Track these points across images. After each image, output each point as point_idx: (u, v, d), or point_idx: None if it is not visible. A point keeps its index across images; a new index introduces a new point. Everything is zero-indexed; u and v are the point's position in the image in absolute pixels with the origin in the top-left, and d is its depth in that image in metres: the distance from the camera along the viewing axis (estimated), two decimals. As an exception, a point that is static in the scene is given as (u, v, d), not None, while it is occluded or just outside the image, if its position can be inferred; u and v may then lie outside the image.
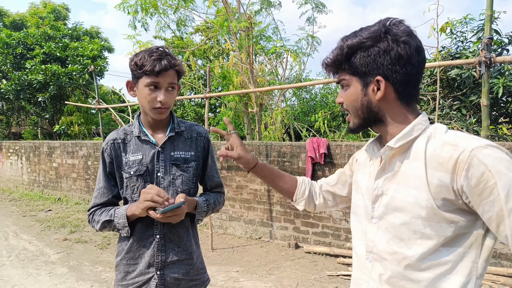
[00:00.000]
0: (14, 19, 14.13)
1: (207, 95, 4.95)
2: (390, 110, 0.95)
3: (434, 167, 0.86)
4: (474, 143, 0.81)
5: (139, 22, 7.51)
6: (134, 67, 1.40)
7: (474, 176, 0.79)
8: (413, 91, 0.95)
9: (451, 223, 0.85)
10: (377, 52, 0.90)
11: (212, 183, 1.64)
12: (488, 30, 2.61)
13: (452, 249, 0.86)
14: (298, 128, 7.85)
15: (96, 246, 5.06)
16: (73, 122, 11.89)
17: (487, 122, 2.72)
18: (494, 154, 0.79)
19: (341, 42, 0.96)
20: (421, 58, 0.92)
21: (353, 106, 0.99)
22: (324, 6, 8.08)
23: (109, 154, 1.49)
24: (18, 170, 10.14)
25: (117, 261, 1.51)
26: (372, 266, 0.99)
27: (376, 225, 0.98)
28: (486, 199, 0.79)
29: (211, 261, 4.43)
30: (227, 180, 5.62)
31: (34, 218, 6.74)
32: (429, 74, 6.30)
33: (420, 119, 0.93)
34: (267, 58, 8.61)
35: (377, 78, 0.92)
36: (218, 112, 12.62)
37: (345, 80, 0.98)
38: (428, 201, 0.86)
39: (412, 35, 0.91)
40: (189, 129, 1.57)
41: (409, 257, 0.89)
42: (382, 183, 0.97)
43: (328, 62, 1.00)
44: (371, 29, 0.92)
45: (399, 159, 0.94)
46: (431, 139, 0.90)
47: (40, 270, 4.22)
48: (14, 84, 11.39)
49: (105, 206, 1.51)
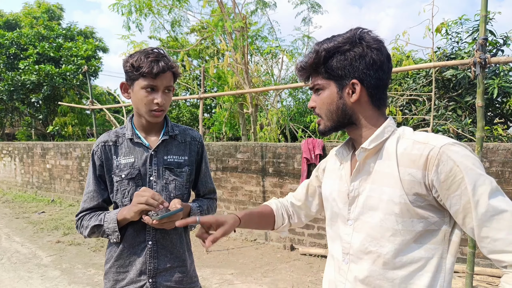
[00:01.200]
0: (8, 19, 13.99)
1: (201, 95, 4.91)
2: (363, 113, 0.99)
3: (406, 165, 0.91)
4: (442, 140, 0.87)
5: (133, 23, 7.46)
6: (130, 68, 1.35)
7: (443, 171, 0.85)
8: (383, 96, 1.00)
9: (422, 218, 0.90)
10: (354, 56, 0.95)
11: (205, 189, 1.61)
12: (483, 31, 2.60)
13: (423, 245, 0.91)
14: (293, 129, 7.82)
15: (90, 249, 5.00)
16: (67, 123, 11.81)
17: (482, 123, 2.71)
18: (461, 151, 0.86)
19: (317, 46, 0.99)
20: (390, 66, 0.99)
21: (327, 110, 1.01)
22: (320, 6, 8.09)
23: (99, 157, 1.44)
24: (11, 172, 10.04)
25: (106, 269, 1.46)
26: (348, 268, 1.01)
27: (351, 227, 1.01)
28: (454, 193, 0.84)
29: (206, 263, 4.39)
30: (222, 182, 5.58)
31: (27, 220, 6.66)
32: (424, 74, 6.30)
33: (389, 122, 0.99)
34: (262, 58, 8.58)
35: (352, 81, 0.96)
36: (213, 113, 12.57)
37: (320, 84, 1.01)
38: (401, 197, 0.90)
39: (382, 43, 0.97)
40: (183, 133, 1.54)
41: (384, 255, 0.93)
42: (358, 184, 1.00)
43: (304, 65, 1.02)
44: (345, 35, 0.97)
45: (372, 160, 0.98)
46: (400, 139, 0.95)
47: (32, 273, 4.16)
48: (7, 85, 11.29)
49: (95, 210, 1.45)
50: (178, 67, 1.44)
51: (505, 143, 3.67)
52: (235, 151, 5.42)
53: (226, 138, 10.39)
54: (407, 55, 6.29)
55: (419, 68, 3.33)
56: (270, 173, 5.05)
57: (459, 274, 3.46)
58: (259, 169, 5.15)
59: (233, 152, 5.44)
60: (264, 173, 5.11)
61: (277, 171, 4.99)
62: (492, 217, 0.81)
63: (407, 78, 6.67)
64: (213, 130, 9.04)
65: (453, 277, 3.36)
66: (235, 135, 10.11)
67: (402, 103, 6.52)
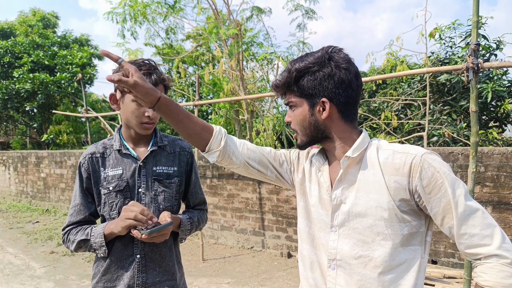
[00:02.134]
0: (3, 27, 13.94)
1: (196, 102, 4.89)
2: (335, 127, 1.05)
3: (390, 173, 0.98)
4: (421, 150, 0.96)
5: (128, 31, 7.44)
6: None
7: (426, 177, 0.93)
8: (353, 111, 1.06)
9: (406, 222, 0.97)
10: (323, 76, 1.00)
11: (196, 200, 1.59)
12: (475, 36, 2.60)
13: (407, 247, 0.99)
14: (289, 135, 7.81)
15: (84, 259, 4.93)
16: (61, 131, 11.72)
17: (476, 128, 2.71)
18: (437, 159, 0.96)
19: (290, 65, 1.05)
20: (359, 83, 1.04)
21: (301, 125, 1.07)
22: (314, 12, 8.10)
23: (87, 169, 1.42)
24: (5, 181, 9.94)
25: (93, 284, 1.42)
26: (336, 273, 1.05)
27: (336, 233, 1.05)
28: (435, 196, 0.93)
29: (202, 272, 4.34)
30: (218, 189, 5.54)
31: (21, 230, 6.58)
32: (419, 79, 6.32)
33: (364, 135, 1.05)
34: (258, 65, 8.59)
35: (322, 99, 1.02)
36: (209, 119, 12.55)
37: (293, 101, 1.07)
38: (390, 203, 0.97)
39: (351, 63, 1.02)
40: (172, 144, 1.52)
41: (375, 259, 0.98)
42: (340, 193, 1.04)
43: (277, 84, 1.08)
44: (316, 55, 1.02)
45: (354, 169, 1.03)
46: (379, 149, 1.02)
47: (25, 285, 4.09)
48: (2, 93, 11.23)
49: (82, 224, 1.42)
50: (169, 79, 1.43)
51: (500, 147, 3.67)
52: (230, 158, 5.39)
53: (222, 145, 10.35)
54: (401, 60, 6.32)
55: (413, 73, 3.34)
56: (266, 179, 5.02)
57: (456, 280, 3.44)
58: (255, 176, 5.12)
59: (228, 159, 5.41)
60: (260, 180, 5.08)
61: (273, 177, 4.96)
62: (469, 216, 0.91)
63: (402, 83, 6.70)
64: (209, 136, 8.97)
65: (451, 283, 3.34)
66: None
67: (397, 107, 6.54)
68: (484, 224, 0.91)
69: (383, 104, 6.60)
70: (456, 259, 3.74)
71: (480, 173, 3.58)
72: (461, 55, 5.77)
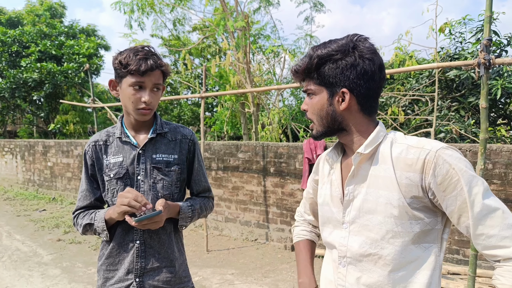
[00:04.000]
0: (10, 16, 13.98)
1: (203, 94, 4.89)
2: (353, 120, 1.01)
3: (402, 168, 0.94)
4: (437, 145, 0.91)
5: (136, 22, 7.45)
6: (118, 65, 1.34)
7: (440, 173, 0.89)
8: (374, 104, 1.02)
9: (418, 219, 0.93)
10: (345, 65, 0.96)
11: (199, 187, 1.57)
12: (487, 31, 2.57)
13: (420, 244, 0.95)
14: (295, 129, 7.80)
15: (90, 247, 4.99)
16: (68, 121, 11.81)
17: (486, 125, 2.68)
18: (455, 154, 0.90)
19: (312, 51, 1.01)
20: (382, 75, 1.00)
21: (318, 115, 1.04)
22: (323, 5, 8.04)
23: (91, 157, 1.45)
24: (13, 169, 10.05)
25: (98, 266, 1.47)
26: (347, 271, 1.03)
27: (347, 230, 1.03)
28: (450, 194, 0.89)
29: (206, 263, 4.38)
30: (223, 181, 5.56)
31: (28, 218, 6.67)
32: (427, 75, 6.26)
33: (380, 128, 1.01)
34: (264, 58, 8.56)
35: (342, 90, 0.98)
36: (215, 112, 12.55)
37: (312, 89, 1.03)
38: (400, 200, 0.93)
39: (376, 53, 0.98)
40: (174, 131, 1.51)
41: (385, 257, 0.96)
42: (353, 189, 1.02)
43: (297, 69, 1.04)
44: (340, 42, 0.98)
45: (366, 164, 1.00)
46: (394, 143, 0.98)
47: (32, 272, 4.16)
48: (9, 82, 11.29)
49: (89, 209, 1.47)
50: (167, 65, 1.42)
51: (509, 145, 3.64)
52: (236, 150, 5.40)
53: (228, 137, 10.37)
54: (410, 55, 6.25)
55: (422, 68, 3.30)
56: (272, 173, 5.03)
57: (461, 276, 3.44)
58: (261, 169, 5.14)
59: (234, 152, 5.42)
60: (265, 173, 5.10)
61: (278, 171, 4.97)
62: (487, 215, 0.86)
63: (410, 78, 6.64)
64: (215, 129, 9.02)
65: (455, 279, 3.35)
66: (236, 134, 10.08)
67: (404, 103, 6.49)
68: (504, 225, 0.85)
69: (390, 99, 6.55)
70: (461, 255, 3.74)
71: (488, 170, 3.56)
72: (471, 50, 5.69)
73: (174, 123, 1.56)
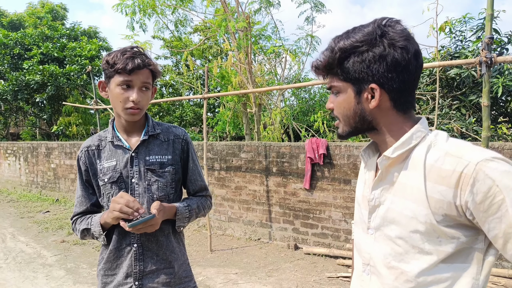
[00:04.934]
0: (12, 19, 14.07)
1: (205, 95, 4.92)
2: (385, 118, 0.89)
3: (435, 180, 0.80)
4: (479, 155, 0.75)
5: (137, 23, 7.47)
6: (105, 66, 1.33)
7: (480, 191, 0.74)
8: (410, 98, 0.88)
9: (452, 238, 0.80)
10: (372, 57, 0.82)
11: (195, 187, 1.56)
12: (489, 29, 2.58)
13: (453, 265, 0.81)
14: (297, 128, 7.81)
15: (94, 248, 5.02)
16: (71, 122, 11.84)
17: (488, 123, 2.69)
18: (501, 167, 0.74)
19: (333, 43, 0.87)
20: (419, 64, 0.85)
21: (344, 114, 0.92)
22: (323, 5, 8.05)
23: (84, 162, 1.44)
24: (16, 171, 10.10)
25: (97, 271, 1.48)
26: (370, 279, 0.95)
27: (372, 236, 0.93)
28: (493, 216, 0.74)
29: (210, 263, 4.40)
30: (225, 181, 5.58)
31: (32, 220, 6.71)
32: (428, 73, 6.27)
33: (419, 127, 0.86)
34: (266, 58, 8.58)
35: (371, 85, 0.85)
36: (217, 112, 12.58)
37: (336, 86, 0.91)
38: (427, 216, 0.80)
39: (410, 39, 0.83)
40: (166, 132, 1.49)
41: (407, 273, 0.85)
42: (380, 194, 0.91)
43: (318, 65, 0.92)
44: (365, 30, 0.84)
45: (396, 168, 0.88)
46: (431, 148, 0.83)
47: (37, 273, 4.19)
48: (12, 85, 11.34)
49: (85, 214, 1.47)
50: (156, 65, 1.40)
51: (510, 143, 3.65)
52: (238, 150, 5.42)
53: (230, 138, 10.40)
54: (411, 54, 6.25)
55: (424, 67, 3.31)
56: (274, 172, 5.05)
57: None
58: (263, 169, 5.16)
59: (236, 152, 5.45)
60: (267, 173, 5.12)
61: (280, 170, 4.99)
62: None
63: (411, 77, 6.65)
64: (217, 129, 9.05)
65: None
66: (238, 134, 10.10)
67: (406, 102, 6.50)
68: None
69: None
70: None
71: (489, 168, 3.57)
72: (471, 49, 5.70)
73: (166, 123, 1.55)
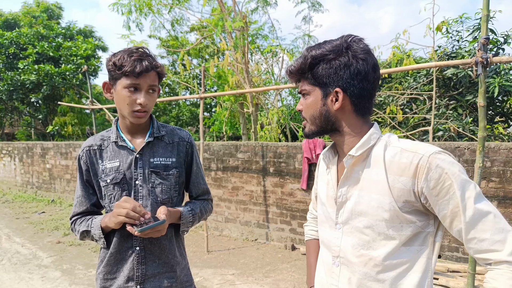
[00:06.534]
0: (7, 18, 13.94)
1: (202, 95, 4.89)
2: (346, 120, 1.02)
3: (395, 172, 0.94)
4: (430, 149, 0.92)
5: (133, 22, 7.44)
6: (112, 67, 1.30)
7: (433, 178, 0.89)
8: (367, 105, 1.02)
9: (410, 223, 0.95)
10: (338, 65, 0.97)
11: (198, 190, 1.55)
12: (485, 30, 2.58)
13: (411, 247, 0.96)
14: (294, 128, 7.81)
15: (90, 249, 4.99)
16: (66, 122, 11.78)
17: (484, 123, 2.70)
18: (447, 159, 0.90)
19: (306, 52, 1.02)
20: (377, 76, 1.00)
21: (311, 115, 1.04)
22: (321, 5, 8.06)
23: (85, 162, 1.41)
24: (11, 172, 10.02)
25: (96, 274, 1.44)
26: (340, 270, 1.05)
27: (340, 231, 1.05)
28: (443, 198, 0.89)
29: (207, 264, 4.39)
30: (222, 181, 5.57)
31: (27, 221, 6.66)
32: (425, 73, 6.29)
33: (374, 130, 1.01)
34: (263, 57, 8.56)
35: (336, 89, 0.98)
36: (213, 112, 12.56)
37: (306, 89, 1.04)
38: (391, 204, 0.94)
39: (369, 53, 0.98)
40: (171, 134, 1.47)
41: (375, 258, 0.97)
42: (346, 190, 1.03)
43: (292, 70, 1.05)
44: (334, 43, 0.99)
45: (360, 167, 1.01)
46: (388, 146, 0.98)
47: (32, 274, 4.15)
48: (7, 85, 11.26)
49: (86, 215, 1.44)
50: (163, 67, 1.38)
51: (507, 143, 3.66)
52: (235, 150, 5.41)
53: (227, 138, 10.38)
54: (408, 54, 6.27)
55: (421, 67, 3.31)
56: (271, 172, 5.04)
57: (460, 274, 3.46)
58: (260, 169, 5.14)
59: (233, 152, 5.43)
60: (265, 173, 5.10)
61: (278, 170, 4.98)
62: (478, 220, 0.87)
63: (408, 77, 6.66)
64: (214, 129, 9.02)
65: (455, 277, 3.36)
66: (235, 134, 10.09)
67: (402, 102, 6.51)
68: (496, 229, 0.87)
69: (388, 98, 6.57)
70: (460, 253, 3.76)
71: (486, 168, 3.58)
72: (468, 49, 5.72)
73: (171, 125, 1.53)
